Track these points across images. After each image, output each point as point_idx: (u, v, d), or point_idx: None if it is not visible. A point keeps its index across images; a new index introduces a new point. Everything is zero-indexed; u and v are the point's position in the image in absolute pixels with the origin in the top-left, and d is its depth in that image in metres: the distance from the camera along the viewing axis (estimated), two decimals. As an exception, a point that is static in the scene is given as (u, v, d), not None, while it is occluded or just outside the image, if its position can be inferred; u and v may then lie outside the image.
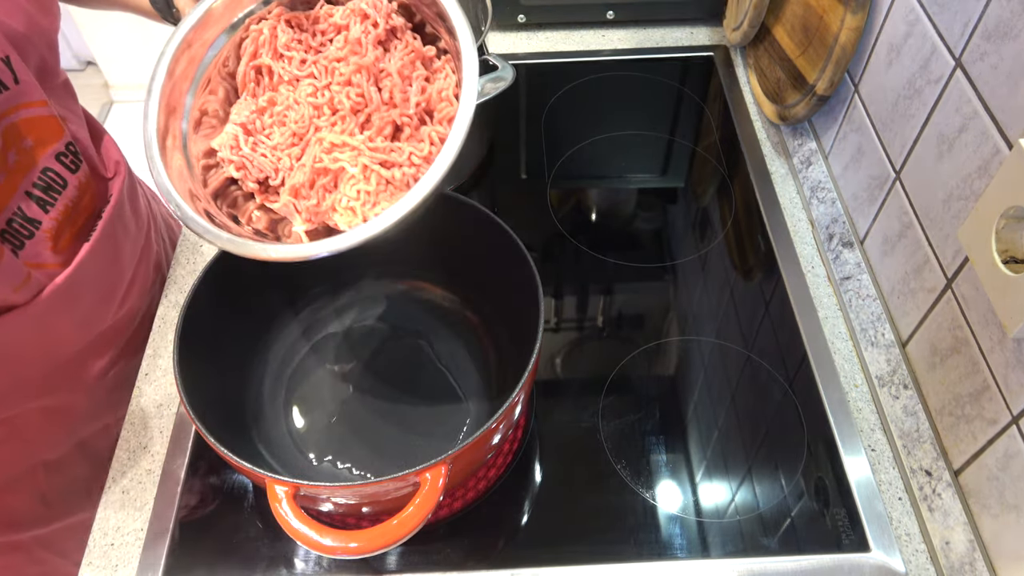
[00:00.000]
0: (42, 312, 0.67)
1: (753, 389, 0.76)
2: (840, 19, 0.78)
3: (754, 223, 0.89)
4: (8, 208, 0.64)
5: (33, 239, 0.66)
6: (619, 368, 0.77)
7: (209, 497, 0.69)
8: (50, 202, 0.68)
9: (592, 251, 0.88)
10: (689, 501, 0.68)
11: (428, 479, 0.54)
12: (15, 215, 0.64)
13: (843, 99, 0.83)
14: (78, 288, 0.70)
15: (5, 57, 0.61)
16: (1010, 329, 0.53)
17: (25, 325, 0.66)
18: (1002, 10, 0.56)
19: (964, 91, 0.61)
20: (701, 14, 1.14)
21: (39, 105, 0.66)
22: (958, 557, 0.62)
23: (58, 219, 0.69)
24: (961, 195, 0.61)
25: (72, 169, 0.70)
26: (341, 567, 0.65)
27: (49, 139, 0.68)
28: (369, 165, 0.57)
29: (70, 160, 0.70)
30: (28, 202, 0.66)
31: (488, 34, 0.84)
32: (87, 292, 0.72)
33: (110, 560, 0.66)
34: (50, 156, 0.68)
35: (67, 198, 0.70)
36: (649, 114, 1.04)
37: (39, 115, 0.66)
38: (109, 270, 0.76)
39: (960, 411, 0.63)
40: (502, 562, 0.65)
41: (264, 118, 0.61)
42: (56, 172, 0.68)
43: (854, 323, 0.78)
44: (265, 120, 0.61)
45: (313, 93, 0.60)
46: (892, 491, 0.69)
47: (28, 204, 0.66)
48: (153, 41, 0.78)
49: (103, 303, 0.76)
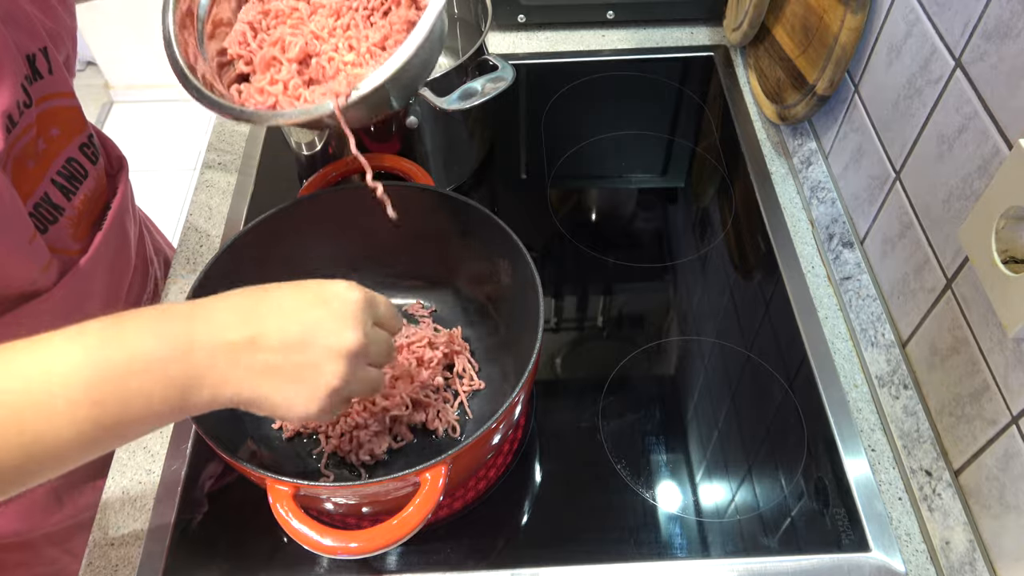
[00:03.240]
0: (62, 299, 0.69)
1: (753, 389, 0.76)
2: (840, 19, 0.78)
3: (754, 223, 0.89)
4: (36, 193, 0.66)
5: (56, 224, 0.68)
6: (619, 368, 0.77)
7: (209, 497, 0.69)
8: (72, 191, 0.70)
9: (592, 251, 0.88)
10: (689, 501, 0.68)
11: (428, 479, 0.54)
12: (42, 200, 0.67)
13: (843, 99, 0.83)
14: (93, 275, 0.73)
15: (43, 48, 0.65)
16: (1010, 329, 0.53)
17: (46, 312, 0.67)
18: (1002, 10, 0.56)
19: (964, 91, 0.61)
20: (701, 14, 1.14)
21: (68, 96, 0.69)
22: (958, 557, 0.62)
23: (79, 207, 0.71)
24: (961, 195, 0.61)
25: (92, 160, 0.73)
26: (341, 567, 0.65)
27: (75, 130, 0.71)
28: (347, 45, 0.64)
29: (91, 152, 0.73)
30: (53, 189, 0.68)
31: (488, 34, 0.84)
32: (101, 280, 0.74)
33: (110, 560, 0.66)
34: (75, 146, 0.71)
35: (87, 188, 0.72)
36: (649, 114, 1.04)
37: (67, 106, 0.69)
38: (118, 258, 0.78)
39: (960, 411, 0.63)
40: (502, 562, 0.65)
41: (268, 19, 0.67)
42: (79, 162, 0.71)
43: (854, 323, 0.78)
44: (269, 21, 0.67)
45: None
46: (892, 491, 0.69)
47: (53, 191, 0.68)
48: (153, 41, 0.78)
49: (114, 293, 0.78)
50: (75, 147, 0.71)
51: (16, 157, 0.62)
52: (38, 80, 0.64)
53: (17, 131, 0.61)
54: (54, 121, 0.67)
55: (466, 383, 0.73)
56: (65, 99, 0.69)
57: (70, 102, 0.70)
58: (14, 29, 0.62)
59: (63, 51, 0.70)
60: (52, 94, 0.66)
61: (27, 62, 0.63)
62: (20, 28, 0.63)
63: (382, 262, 0.77)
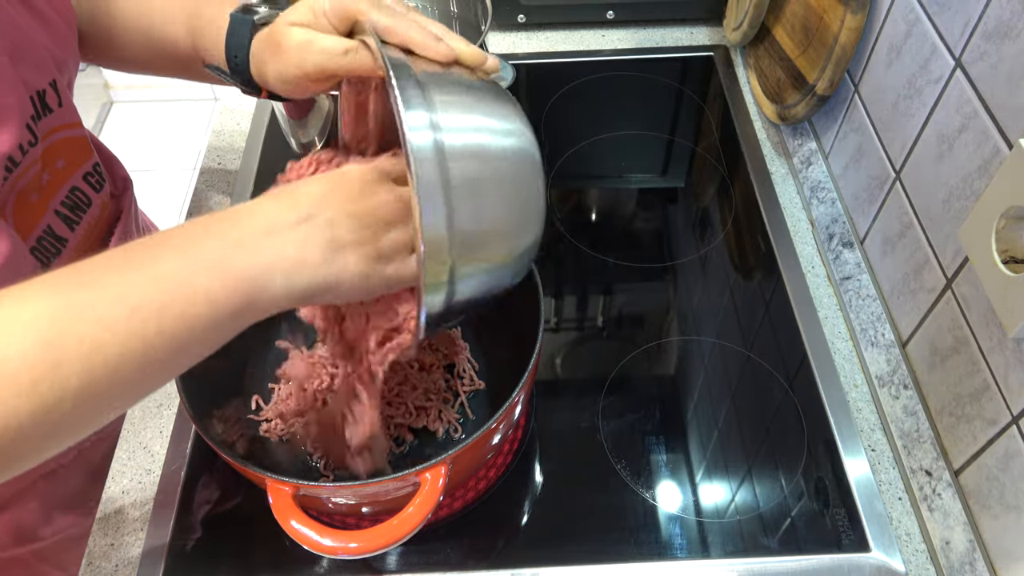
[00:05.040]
0: None
1: (753, 389, 0.76)
2: (840, 19, 0.78)
3: (754, 223, 0.89)
4: (39, 225, 0.65)
5: (60, 256, 0.67)
6: (619, 368, 0.77)
7: (209, 497, 0.69)
8: (76, 220, 0.69)
9: (592, 251, 0.88)
10: (689, 501, 0.68)
11: (428, 479, 0.54)
12: (44, 233, 0.66)
13: (843, 99, 0.83)
14: None
15: (52, 81, 0.64)
16: (1010, 329, 0.53)
17: None
18: (1002, 10, 0.56)
19: (964, 91, 0.61)
20: (701, 14, 1.14)
21: (75, 127, 0.68)
22: (958, 557, 0.62)
23: (82, 237, 0.70)
24: (961, 195, 0.61)
25: (97, 189, 0.72)
26: (341, 567, 0.65)
27: (79, 159, 0.70)
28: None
29: (95, 180, 0.72)
30: (56, 220, 0.67)
31: (488, 34, 0.84)
32: None
33: (110, 560, 0.66)
34: (79, 176, 0.70)
35: (91, 216, 0.71)
36: (649, 114, 1.04)
37: (73, 136, 0.68)
38: None
39: (960, 411, 0.63)
40: (502, 562, 0.65)
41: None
42: (83, 191, 0.70)
43: (854, 323, 0.78)
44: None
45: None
46: (892, 491, 0.69)
47: (56, 222, 0.67)
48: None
49: None
50: (79, 177, 0.70)
51: (20, 191, 0.61)
52: (46, 115, 0.63)
53: (19, 171, 0.60)
54: (60, 153, 0.66)
55: (466, 383, 0.73)
56: (72, 130, 0.68)
57: (77, 132, 0.68)
58: (23, 65, 0.61)
59: (67, 75, 0.69)
60: (59, 126, 0.65)
61: (37, 98, 0.62)
62: (29, 63, 0.62)
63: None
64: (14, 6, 0.62)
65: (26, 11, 0.63)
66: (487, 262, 0.47)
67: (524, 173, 0.48)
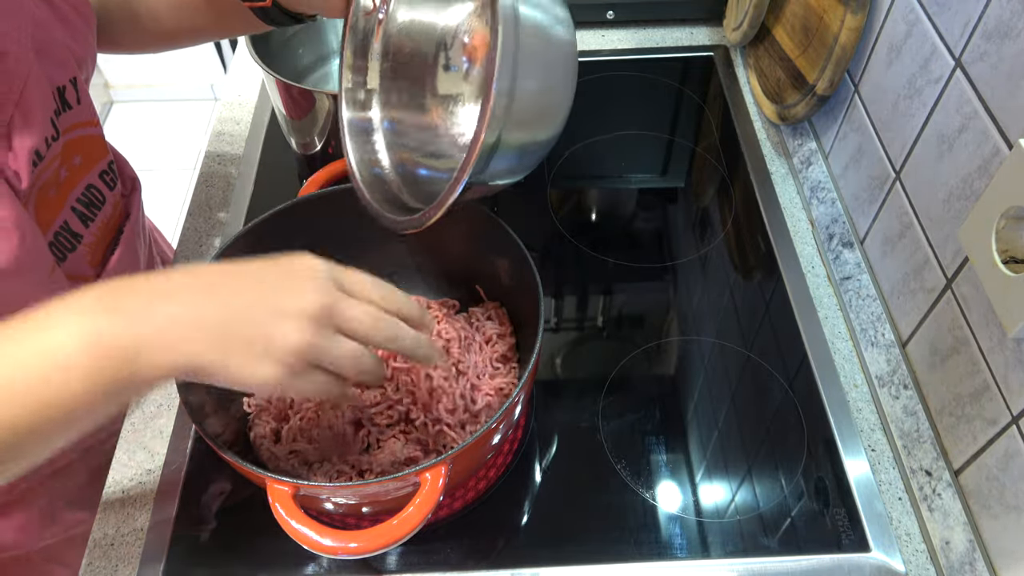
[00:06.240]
0: None
1: (753, 389, 0.76)
2: (840, 19, 0.78)
3: (754, 223, 0.89)
4: (56, 222, 0.66)
5: (75, 252, 0.68)
6: (619, 368, 0.77)
7: (209, 497, 0.69)
8: (91, 218, 0.70)
9: (592, 251, 0.88)
10: (689, 501, 0.68)
11: (428, 479, 0.54)
12: (61, 228, 0.66)
13: (843, 99, 0.83)
14: None
15: (73, 78, 0.65)
16: (1010, 329, 0.53)
17: None
18: (1002, 10, 0.56)
19: (964, 91, 0.61)
20: (701, 14, 1.14)
21: (92, 124, 0.69)
22: (958, 557, 0.62)
23: (96, 234, 0.71)
24: (961, 195, 0.61)
25: (111, 187, 0.73)
26: (341, 567, 0.65)
27: (96, 157, 0.70)
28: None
29: (110, 178, 0.73)
30: (72, 216, 0.68)
31: (488, 34, 0.84)
32: None
33: (110, 560, 0.66)
34: (95, 174, 0.70)
35: (104, 214, 0.72)
36: (649, 114, 1.04)
37: (90, 134, 0.69)
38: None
39: (960, 411, 0.63)
40: (502, 562, 0.65)
41: None
42: (98, 189, 0.71)
43: (854, 323, 0.78)
44: None
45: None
46: (892, 491, 0.69)
47: (72, 218, 0.68)
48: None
49: None
50: (95, 174, 0.71)
51: (40, 186, 0.62)
52: (66, 111, 0.64)
53: (42, 165, 0.61)
54: (77, 150, 0.67)
55: None
56: (90, 127, 0.69)
57: (94, 130, 0.69)
58: (47, 62, 0.62)
59: (85, 73, 0.69)
60: (78, 123, 0.66)
61: (58, 94, 0.63)
62: (53, 60, 0.63)
63: (382, 263, 0.77)
64: (37, 4, 0.63)
65: (48, 9, 0.64)
66: (525, 138, 0.53)
67: (571, 66, 0.54)
